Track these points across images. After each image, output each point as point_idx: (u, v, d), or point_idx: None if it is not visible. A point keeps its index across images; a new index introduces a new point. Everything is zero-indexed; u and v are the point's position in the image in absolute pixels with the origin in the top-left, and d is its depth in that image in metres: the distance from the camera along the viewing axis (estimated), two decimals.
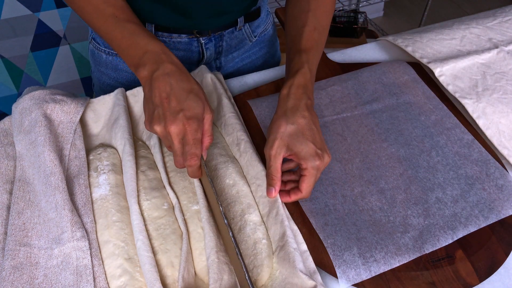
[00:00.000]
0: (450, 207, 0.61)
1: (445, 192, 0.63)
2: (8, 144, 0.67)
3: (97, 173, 0.65)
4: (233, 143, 0.69)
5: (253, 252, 0.56)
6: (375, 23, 2.45)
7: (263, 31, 0.90)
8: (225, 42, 0.84)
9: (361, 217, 0.60)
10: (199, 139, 0.56)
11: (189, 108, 0.55)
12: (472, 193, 0.63)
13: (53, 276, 0.53)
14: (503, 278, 0.57)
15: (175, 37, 0.81)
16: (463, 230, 0.59)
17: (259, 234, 0.58)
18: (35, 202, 0.60)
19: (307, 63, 0.63)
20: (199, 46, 0.83)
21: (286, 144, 0.58)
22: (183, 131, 0.55)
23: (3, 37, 1.59)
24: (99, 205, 0.61)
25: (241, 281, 0.52)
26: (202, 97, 0.57)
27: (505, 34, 0.89)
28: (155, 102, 0.56)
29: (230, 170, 0.65)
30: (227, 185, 0.63)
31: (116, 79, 0.87)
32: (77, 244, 0.55)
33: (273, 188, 0.58)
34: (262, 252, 0.56)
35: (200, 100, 0.56)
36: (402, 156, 0.68)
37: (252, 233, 0.58)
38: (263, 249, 0.57)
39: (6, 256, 0.54)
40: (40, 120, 0.65)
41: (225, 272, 0.54)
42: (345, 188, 0.64)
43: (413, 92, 0.78)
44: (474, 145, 0.69)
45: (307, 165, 0.57)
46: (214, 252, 0.54)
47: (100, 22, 0.64)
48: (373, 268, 0.55)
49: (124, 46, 0.61)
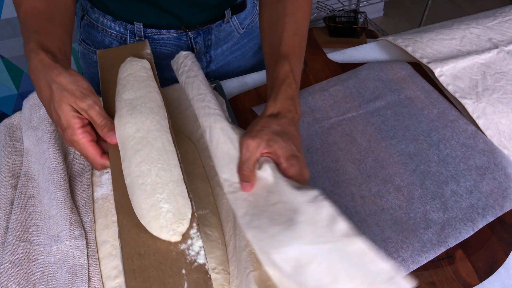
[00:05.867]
0: (466, 199, 0.62)
1: (459, 184, 0.64)
2: (17, 139, 0.68)
3: (100, 172, 0.65)
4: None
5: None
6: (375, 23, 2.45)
7: (250, 22, 0.91)
8: (213, 36, 0.85)
9: (382, 216, 0.60)
10: (79, 140, 0.52)
11: (58, 122, 0.52)
12: (485, 183, 0.63)
13: (50, 274, 0.53)
14: (503, 278, 0.57)
15: (164, 33, 0.81)
16: (482, 220, 0.59)
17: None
18: (38, 198, 0.61)
19: (291, 72, 0.58)
20: (188, 41, 0.83)
21: (267, 139, 0.50)
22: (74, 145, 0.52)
23: (3, 37, 1.59)
24: (99, 205, 0.61)
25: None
26: (57, 98, 0.51)
27: (505, 34, 0.89)
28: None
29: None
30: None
31: None
32: (74, 242, 0.55)
33: (249, 184, 0.49)
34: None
35: (59, 107, 0.51)
36: (412, 151, 0.68)
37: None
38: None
39: (5, 251, 0.54)
40: (47, 117, 0.66)
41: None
42: (363, 189, 0.64)
43: (412, 87, 0.79)
44: (478, 135, 0.70)
45: (286, 162, 0.50)
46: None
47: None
48: (403, 268, 0.55)
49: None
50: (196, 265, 0.42)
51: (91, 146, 0.52)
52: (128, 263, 0.42)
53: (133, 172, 0.47)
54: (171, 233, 0.44)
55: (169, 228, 0.44)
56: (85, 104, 0.51)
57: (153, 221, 0.44)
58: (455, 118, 0.73)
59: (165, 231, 0.44)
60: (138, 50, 0.66)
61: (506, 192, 0.62)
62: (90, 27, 0.82)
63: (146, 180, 0.46)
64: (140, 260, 0.42)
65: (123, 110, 0.53)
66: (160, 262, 0.42)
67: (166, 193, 0.45)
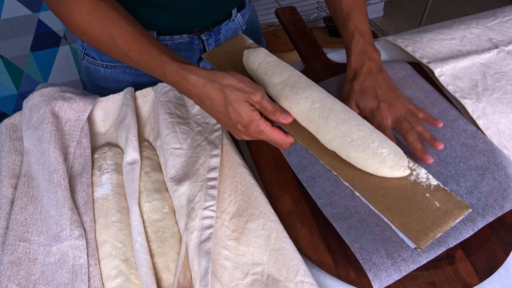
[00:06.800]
0: (466, 199, 0.62)
1: (459, 184, 0.63)
2: (17, 139, 0.68)
3: (101, 172, 0.65)
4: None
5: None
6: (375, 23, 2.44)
7: (249, 17, 0.92)
8: (222, 35, 0.86)
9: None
10: (264, 128, 0.55)
11: (239, 120, 0.55)
12: (485, 183, 0.63)
13: (50, 273, 0.54)
14: (503, 278, 0.57)
15: (177, 39, 0.81)
16: (482, 220, 0.59)
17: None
18: (38, 198, 0.61)
19: (355, 30, 0.68)
20: (200, 43, 0.84)
21: (355, 101, 0.66)
22: (257, 133, 0.56)
23: (3, 37, 1.59)
24: (99, 205, 0.61)
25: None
26: (232, 100, 0.55)
27: (505, 34, 0.89)
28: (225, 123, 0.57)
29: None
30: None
31: (117, 91, 0.86)
32: (74, 242, 0.55)
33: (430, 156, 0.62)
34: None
35: (238, 105, 0.55)
36: (411, 152, 0.68)
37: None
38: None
39: (5, 250, 0.54)
40: (47, 117, 0.66)
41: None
42: None
43: (412, 87, 0.78)
44: (478, 135, 0.70)
45: (379, 115, 0.64)
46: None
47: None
48: (403, 268, 0.55)
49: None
50: (433, 187, 0.49)
51: (276, 130, 0.56)
52: (378, 205, 0.47)
53: (336, 136, 0.52)
54: (402, 169, 0.50)
55: (399, 165, 0.50)
56: (258, 96, 0.54)
57: (381, 166, 0.50)
58: (455, 118, 0.73)
59: (396, 169, 0.50)
60: (241, 43, 0.68)
61: (506, 192, 0.62)
62: None
63: (353, 137, 0.51)
64: (386, 199, 0.48)
65: (285, 91, 0.57)
66: (403, 195, 0.48)
67: (376, 141, 0.51)
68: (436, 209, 0.46)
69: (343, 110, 0.54)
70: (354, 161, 0.52)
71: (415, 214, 0.46)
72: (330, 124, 0.53)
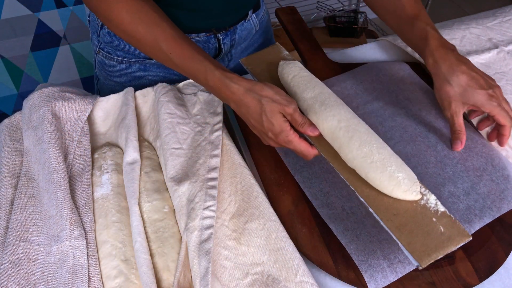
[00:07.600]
0: (463, 200, 0.62)
1: (456, 185, 0.63)
2: (17, 139, 0.68)
3: (101, 172, 0.65)
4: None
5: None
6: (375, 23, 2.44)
7: (262, 17, 0.93)
8: (237, 35, 0.87)
9: None
10: (293, 139, 0.59)
11: (271, 129, 0.59)
12: (482, 185, 0.63)
13: (50, 273, 0.54)
14: (503, 278, 0.57)
15: (194, 37, 0.82)
16: (479, 222, 0.59)
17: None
18: (38, 198, 0.61)
19: (428, 25, 0.69)
20: (216, 42, 0.84)
21: (461, 102, 0.65)
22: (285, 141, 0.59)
23: (3, 37, 1.59)
24: (99, 205, 0.61)
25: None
26: (269, 110, 0.58)
27: (505, 34, 0.89)
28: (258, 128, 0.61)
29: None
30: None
31: (131, 86, 0.86)
32: (74, 242, 0.55)
33: (459, 141, 0.66)
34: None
35: (272, 115, 0.58)
36: (409, 153, 0.68)
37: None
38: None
39: (5, 250, 0.54)
40: (47, 117, 0.66)
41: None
42: None
43: (411, 88, 0.78)
44: (476, 136, 0.70)
45: (489, 109, 0.64)
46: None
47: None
48: (399, 269, 0.55)
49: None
50: (440, 213, 0.52)
51: (303, 142, 0.59)
52: (389, 223, 0.51)
53: (357, 155, 0.55)
54: (415, 194, 0.53)
55: (412, 190, 0.53)
56: (291, 109, 0.58)
57: (395, 188, 0.53)
58: None
59: (409, 193, 0.53)
60: (277, 53, 0.72)
61: (504, 194, 0.62)
62: (113, 35, 0.81)
63: (373, 159, 0.55)
64: (397, 219, 0.52)
65: (314, 107, 0.60)
66: (413, 217, 0.52)
67: (394, 165, 0.54)
68: (440, 233, 0.50)
69: (367, 132, 0.57)
70: (371, 181, 0.55)
71: (421, 236, 0.50)
72: (353, 144, 0.56)
